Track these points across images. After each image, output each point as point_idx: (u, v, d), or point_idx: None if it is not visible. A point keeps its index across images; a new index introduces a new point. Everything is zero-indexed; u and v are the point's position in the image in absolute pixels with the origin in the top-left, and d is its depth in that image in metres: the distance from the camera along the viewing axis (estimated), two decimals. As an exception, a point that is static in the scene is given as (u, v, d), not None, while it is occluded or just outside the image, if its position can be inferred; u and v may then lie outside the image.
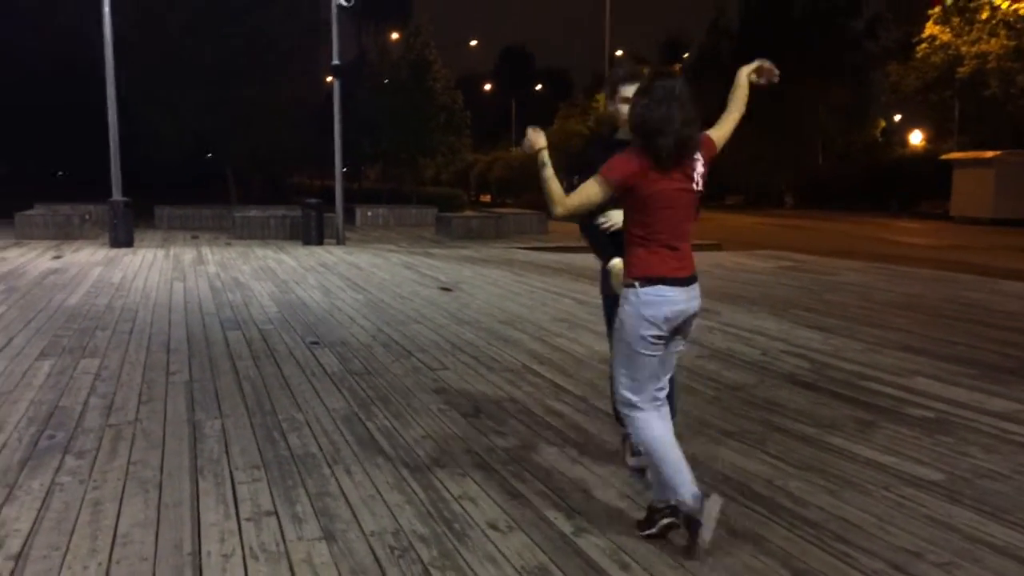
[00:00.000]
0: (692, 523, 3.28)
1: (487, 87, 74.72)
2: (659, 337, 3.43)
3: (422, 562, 3.28)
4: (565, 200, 3.46)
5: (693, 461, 4.26)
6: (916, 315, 9.31)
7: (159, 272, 12.42)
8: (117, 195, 16.76)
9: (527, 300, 10.06)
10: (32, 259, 13.97)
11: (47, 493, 3.88)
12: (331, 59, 18.91)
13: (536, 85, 75.99)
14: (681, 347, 3.67)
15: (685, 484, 3.33)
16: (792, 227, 29.90)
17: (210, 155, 33.14)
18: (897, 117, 47.29)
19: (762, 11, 45.99)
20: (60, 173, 41.91)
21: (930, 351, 7.35)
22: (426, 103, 31.96)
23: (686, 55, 56.92)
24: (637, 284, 3.40)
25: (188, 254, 15.27)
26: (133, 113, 32.16)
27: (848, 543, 3.50)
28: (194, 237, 19.16)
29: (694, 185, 3.45)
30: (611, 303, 3.96)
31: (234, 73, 30.41)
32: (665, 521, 3.43)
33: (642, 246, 3.43)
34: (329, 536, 3.49)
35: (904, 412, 5.46)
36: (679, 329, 3.56)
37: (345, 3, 18.31)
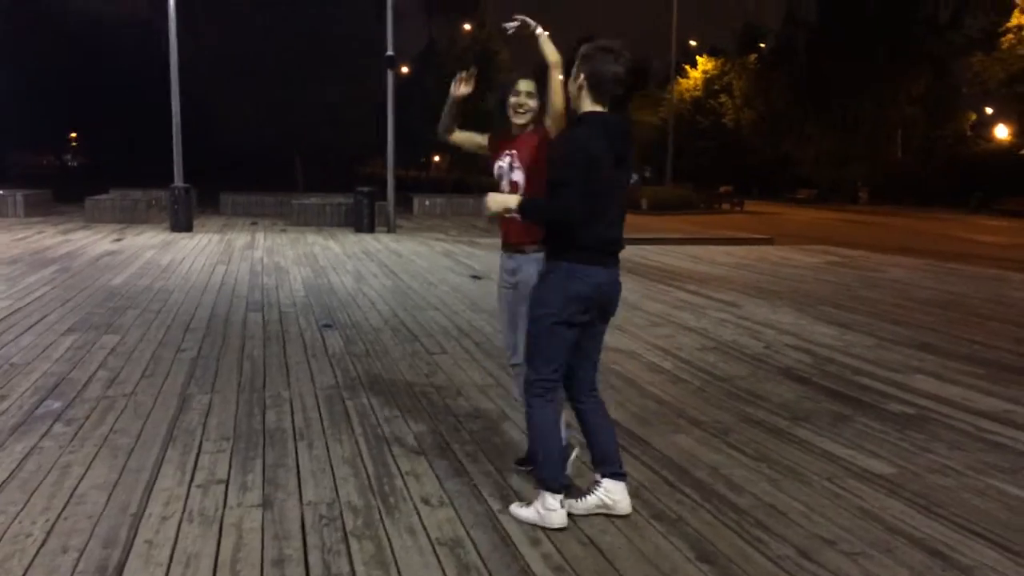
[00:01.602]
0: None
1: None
2: None
3: (344, 530, 3.44)
4: None
5: (647, 447, 4.36)
6: (947, 313, 9.09)
7: (207, 256, 12.91)
8: (179, 182, 17.40)
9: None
10: (94, 241, 14.65)
11: (25, 456, 4.18)
12: (393, 51, 19.21)
13: (610, 76, 75.34)
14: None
15: None
16: (860, 223, 29.23)
17: (279, 146, 33.98)
18: (989, 110, 45.49)
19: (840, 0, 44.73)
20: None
21: (943, 349, 7.21)
22: (487, 94, 32.15)
23: (762, 44, 55.91)
24: None
25: (241, 239, 15.80)
26: (214, 107, 33.27)
27: (766, 529, 3.54)
28: (253, 223, 19.76)
29: None
30: None
31: (307, 67, 31.15)
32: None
33: None
34: (267, 504, 3.68)
35: (884, 408, 5.40)
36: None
37: (399, -6, 18.57)
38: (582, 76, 3.46)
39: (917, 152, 45.48)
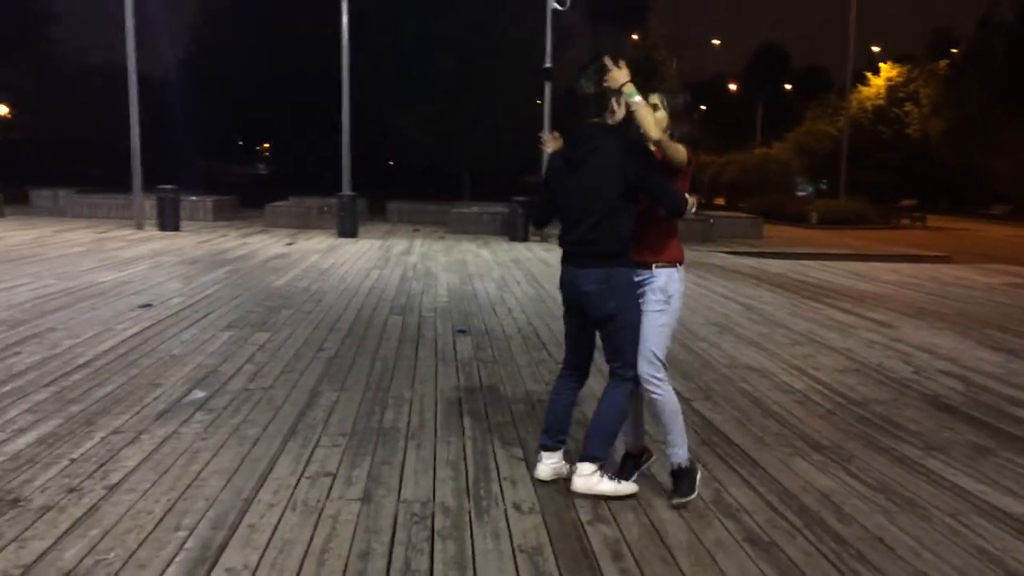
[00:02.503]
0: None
1: (732, 87, 72.83)
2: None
3: (432, 529, 3.54)
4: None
5: (757, 468, 4.23)
6: None
7: (365, 261, 13.53)
8: (346, 190, 18.32)
9: (692, 303, 9.94)
10: (268, 245, 15.66)
11: (164, 440, 4.55)
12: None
13: (786, 84, 72.97)
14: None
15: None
16: (1057, 241, 26.80)
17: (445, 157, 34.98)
18: None
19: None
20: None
21: (1119, 382, 6.53)
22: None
23: (954, 50, 52.45)
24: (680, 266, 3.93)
25: (400, 245, 16.44)
26: (383, 118, 34.79)
27: (866, 563, 3.35)
28: (415, 230, 20.50)
29: None
30: None
31: (470, 78, 31.96)
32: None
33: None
34: (367, 499, 3.84)
35: (1035, 442, 4.97)
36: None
37: (559, 6, 18.80)
38: None
39: None
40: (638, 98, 3.66)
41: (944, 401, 5.89)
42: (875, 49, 56.59)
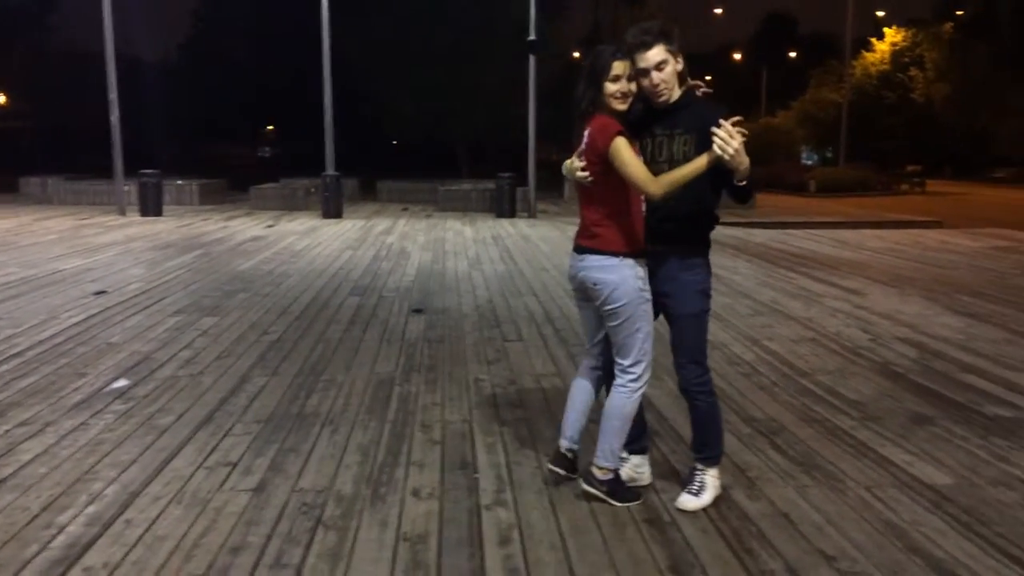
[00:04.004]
0: None
1: (736, 56, 71.99)
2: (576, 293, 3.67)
3: (319, 519, 3.40)
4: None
5: (680, 444, 4.02)
6: (1110, 304, 8.01)
7: (342, 241, 13.38)
8: (330, 170, 18.13)
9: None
10: (248, 227, 15.52)
11: (68, 433, 4.41)
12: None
13: (791, 52, 72.04)
14: (610, 324, 3.47)
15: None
16: (1058, 202, 26.40)
17: (438, 132, 34.73)
18: None
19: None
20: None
21: (1084, 345, 6.34)
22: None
23: (959, 12, 51.63)
24: None
25: (382, 225, 16.28)
26: (377, 95, 34.54)
27: (765, 541, 3.20)
28: (404, 209, 20.33)
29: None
30: None
31: (463, 54, 31.65)
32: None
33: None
34: (260, 489, 3.70)
35: (978, 410, 4.80)
36: (586, 295, 3.52)
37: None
38: (682, 58, 3.40)
39: None
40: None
41: (893, 369, 5.71)
42: (880, 14, 55.75)
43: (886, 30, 53.27)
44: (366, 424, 4.59)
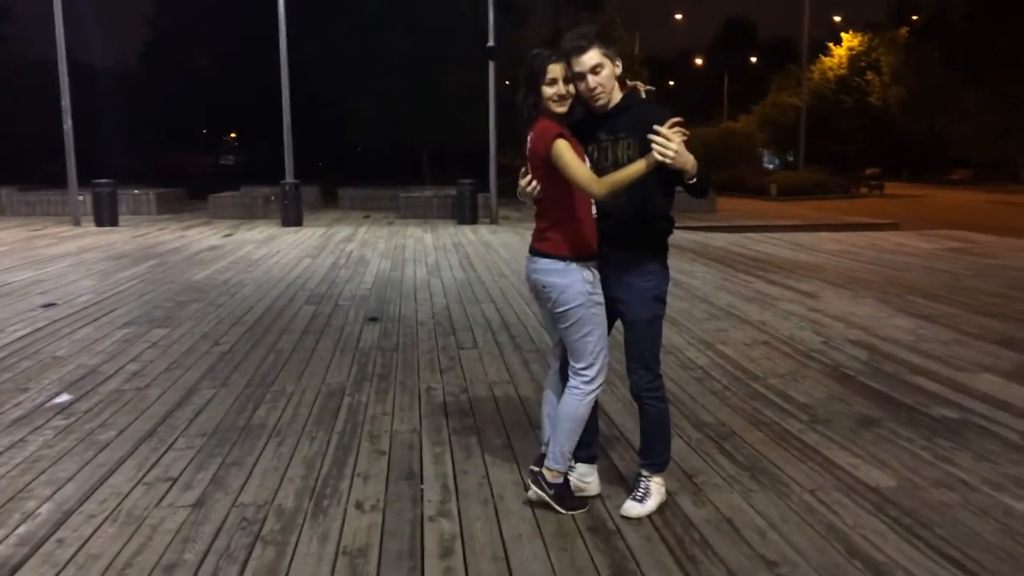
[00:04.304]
0: None
1: (698, 62, 72.64)
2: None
3: (257, 534, 3.34)
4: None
5: (629, 451, 3.99)
6: (1056, 303, 8.15)
7: (300, 250, 13.25)
8: (289, 178, 17.98)
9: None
10: (205, 237, 15.33)
11: (5, 450, 4.30)
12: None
13: (752, 57, 72.83)
14: (560, 326, 3.45)
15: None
16: (1015, 204, 26.95)
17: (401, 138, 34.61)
18: None
19: (996, -34, 41.32)
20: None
21: (1030, 345, 6.44)
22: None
23: (915, 17, 52.52)
24: None
25: (343, 233, 16.16)
26: (338, 100, 34.34)
27: (707, 547, 3.19)
28: (366, 216, 20.21)
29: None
30: None
31: (425, 59, 31.59)
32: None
33: None
34: (199, 504, 3.63)
35: (924, 411, 4.84)
36: (539, 297, 3.53)
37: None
38: (619, 61, 3.38)
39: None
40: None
41: (844, 371, 5.76)
42: (836, 19, 56.58)
43: (843, 35, 54.07)
44: (313, 435, 4.53)
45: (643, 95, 3.48)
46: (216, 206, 19.82)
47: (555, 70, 3.28)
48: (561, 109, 3.33)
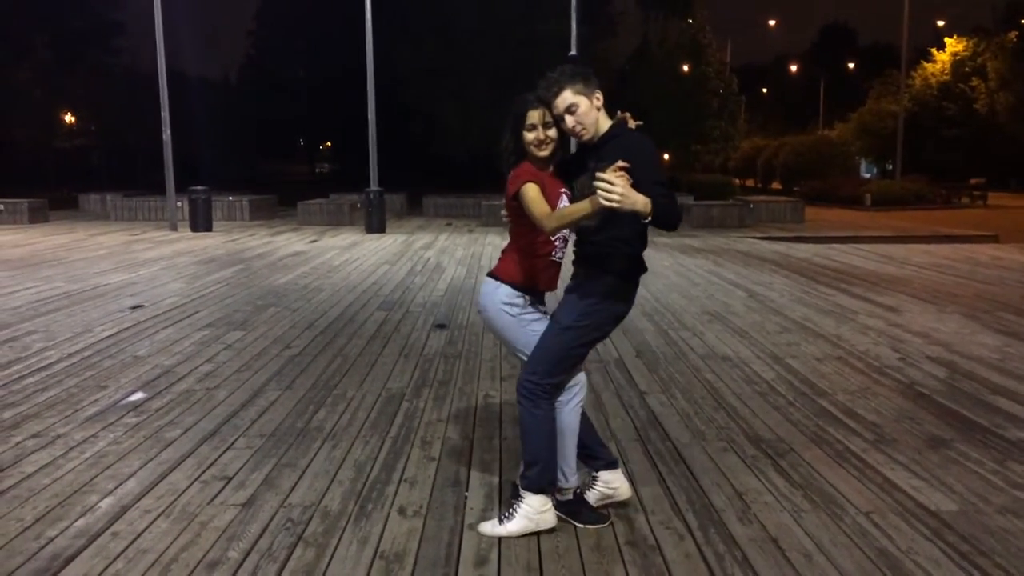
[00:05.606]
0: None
1: (793, 68, 71.04)
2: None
3: (300, 535, 3.41)
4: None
5: (679, 464, 3.89)
6: None
7: (380, 256, 13.49)
8: (373, 186, 18.33)
9: (695, 292, 9.64)
10: (292, 243, 15.75)
11: (76, 445, 4.51)
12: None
13: (850, 63, 70.82)
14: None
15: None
16: None
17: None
18: None
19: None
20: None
21: None
22: (697, 89, 31.27)
23: (1024, 20, 50.19)
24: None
25: (423, 240, 16.38)
26: (429, 112, 34.89)
27: (747, 568, 3.11)
28: (448, 224, 20.44)
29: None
30: None
31: (513, 70, 31.79)
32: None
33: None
34: (249, 503, 3.73)
35: (1000, 434, 4.61)
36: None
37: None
38: (599, 93, 3.35)
39: None
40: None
41: (918, 389, 5.53)
42: (940, 23, 54.55)
43: (947, 40, 52.08)
44: (367, 440, 4.60)
45: (631, 126, 3.40)
46: (305, 213, 20.36)
47: (534, 116, 3.31)
48: (542, 153, 3.36)
